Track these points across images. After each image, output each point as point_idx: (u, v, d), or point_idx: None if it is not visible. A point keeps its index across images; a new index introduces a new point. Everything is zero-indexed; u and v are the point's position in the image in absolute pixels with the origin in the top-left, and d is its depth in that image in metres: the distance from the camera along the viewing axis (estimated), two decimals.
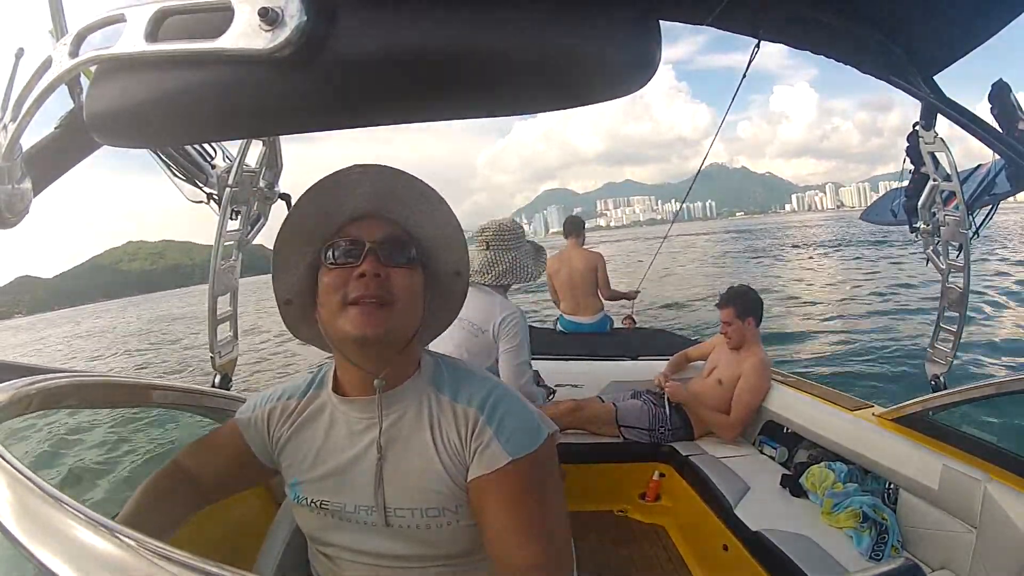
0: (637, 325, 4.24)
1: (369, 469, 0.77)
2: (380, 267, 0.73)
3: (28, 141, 0.70)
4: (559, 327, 3.77)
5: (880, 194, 1.76)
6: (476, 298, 1.86)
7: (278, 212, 1.62)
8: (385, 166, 0.74)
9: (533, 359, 2.90)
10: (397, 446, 0.77)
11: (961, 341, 1.73)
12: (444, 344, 1.82)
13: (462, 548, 0.77)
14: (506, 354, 1.83)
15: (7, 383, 0.72)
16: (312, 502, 0.80)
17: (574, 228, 3.78)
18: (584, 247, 3.78)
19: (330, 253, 0.75)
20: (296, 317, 0.82)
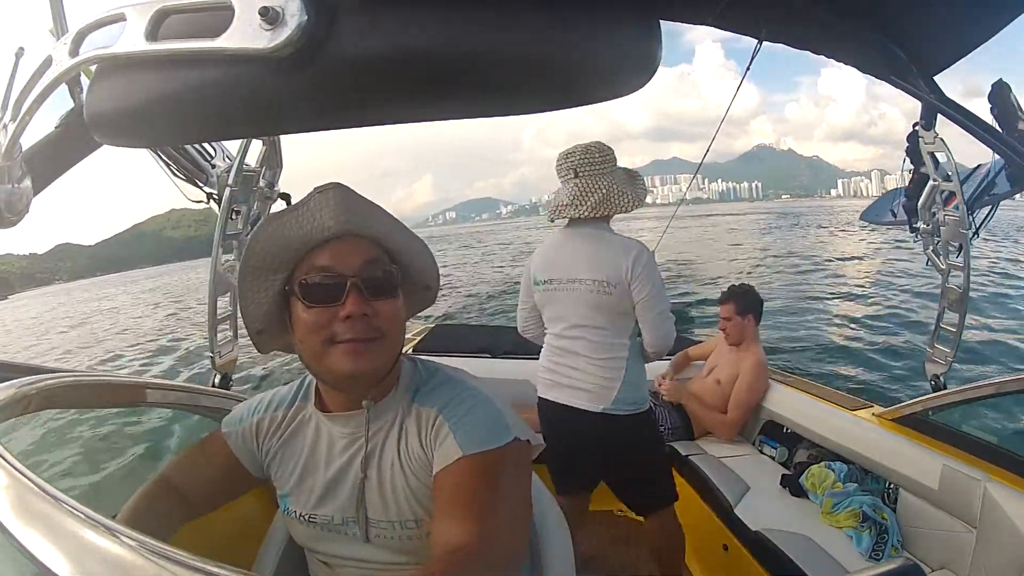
0: None
1: (353, 484, 0.76)
2: (366, 304, 0.68)
3: (28, 140, 0.70)
4: None
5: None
6: (588, 246, 1.54)
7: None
8: (343, 184, 0.69)
9: (533, 359, 2.91)
10: (376, 460, 0.76)
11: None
12: (570, 320, 1.55)
13: None
14: (644, 305, 1.49)
15: (7, 383, 0.72)
16: (301, 515, 0.80)
17: None
18: None
19: (306, 290, 0.69)
20: (270, 342, 0.78)
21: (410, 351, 2.71)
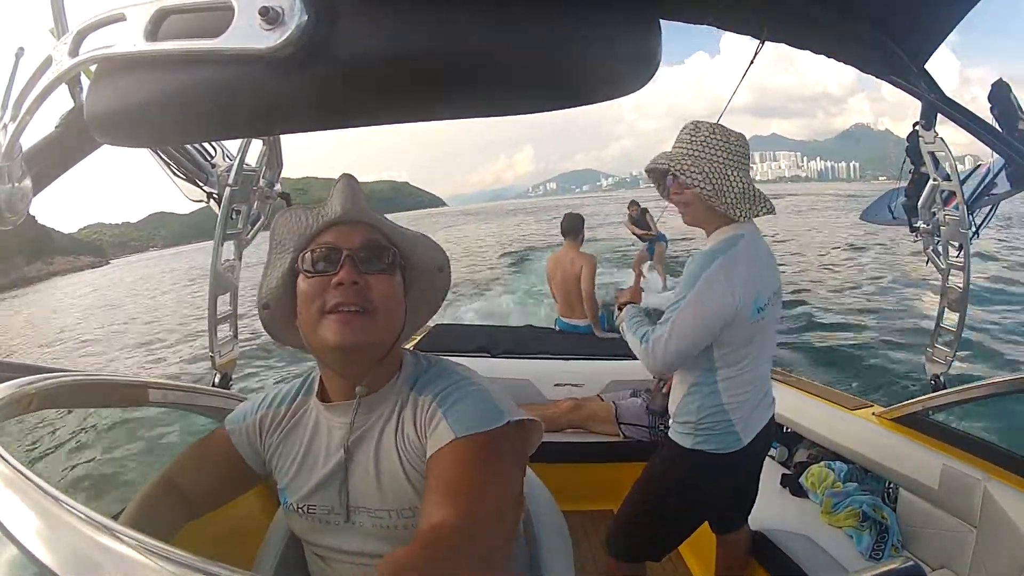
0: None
1: (350, 473, 0.77)
2: (358, 274, 0.72)
3: (28, 140, 0.70)
4: (557, 327, 3.76)
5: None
6: (767, 249, 1.35)
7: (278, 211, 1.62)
8: (352, 176, 0.75)
9: (532, 358, 2.92)
10: (374, 450, 0.77)
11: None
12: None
13: None
14: None
15: (7, 383, 0.72)
16: (300, 507, 0.80)
17: (572, 228, 3.61)
18: (580, 249, 3.63)
19: (307, 261, 0.74)
20: (273, 322, 0.81)
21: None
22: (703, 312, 1.23)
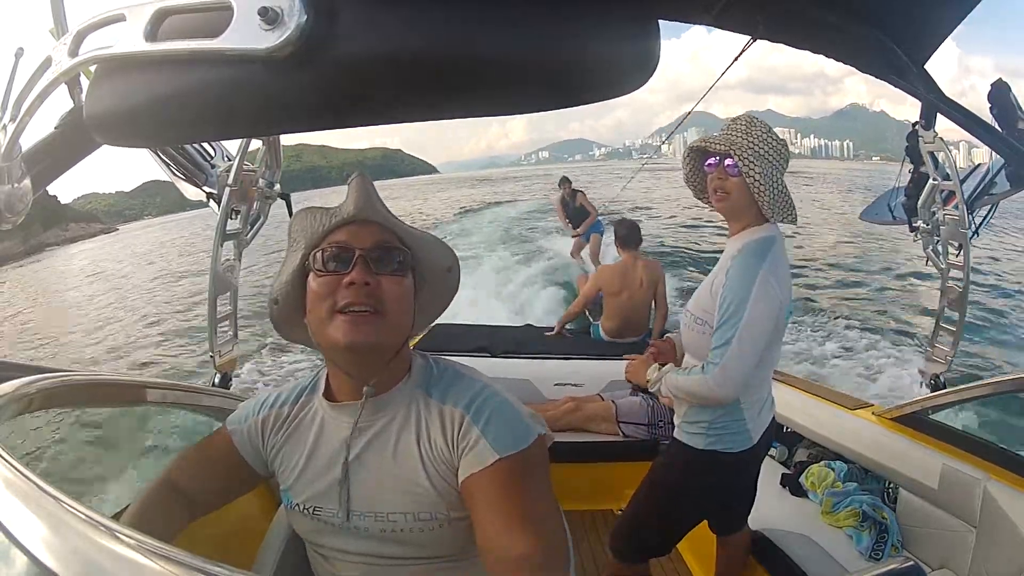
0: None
1: (356, 475, 0.77)
2: (370, 275, 0.72)
3: (28, 140, 0.70)
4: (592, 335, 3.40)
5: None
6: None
7: (277, 211, 1.62)
8: (366, 175, 0.76)
9: (532, 358, 2.91)
10: (385, 451, 0.77)
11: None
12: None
13: (459, 548, 0.78)
14: None
15: (7, 383, 0.72)
16: (304, 508, 0.80)
17: (633, 237, 3.22)
18: (644, 258, 3.27)
19: (318, 259, 0.75)
20: (282, 317, 0.82)
21: None
22: (768, 313, 1.22)
